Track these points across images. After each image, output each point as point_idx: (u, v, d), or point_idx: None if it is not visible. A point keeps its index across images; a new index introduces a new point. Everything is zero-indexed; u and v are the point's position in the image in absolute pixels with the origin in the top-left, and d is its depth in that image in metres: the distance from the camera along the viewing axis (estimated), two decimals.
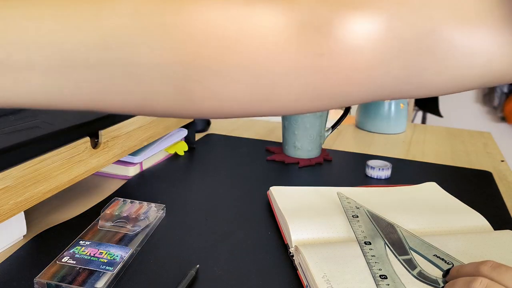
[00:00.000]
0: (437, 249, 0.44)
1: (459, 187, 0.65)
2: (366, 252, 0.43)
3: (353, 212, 0.50)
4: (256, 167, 0.71)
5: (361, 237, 0.45)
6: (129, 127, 0.59)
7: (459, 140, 0.91)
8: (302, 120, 0.72)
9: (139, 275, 0.42)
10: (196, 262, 0.45)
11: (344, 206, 0.51)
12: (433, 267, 0.41)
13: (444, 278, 0.39)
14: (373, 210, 0.51)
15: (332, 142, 0.86)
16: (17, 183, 0.43)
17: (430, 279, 0.40)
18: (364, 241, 0.44)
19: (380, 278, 0.39)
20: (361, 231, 0.46)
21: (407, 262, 0.42)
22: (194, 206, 0.57)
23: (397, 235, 0.46)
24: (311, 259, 0.42)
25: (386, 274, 0.40)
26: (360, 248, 0.44)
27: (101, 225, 0.49)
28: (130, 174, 0.65)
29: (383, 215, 0.51)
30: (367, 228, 0.47)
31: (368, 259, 0.42)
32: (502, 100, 2.58)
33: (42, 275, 0.40)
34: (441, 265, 0.41)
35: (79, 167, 0.51)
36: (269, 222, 0.53)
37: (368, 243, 0.44)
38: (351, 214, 0.49)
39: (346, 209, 0.51)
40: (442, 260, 0.42)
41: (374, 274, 0.40)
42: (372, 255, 0.42)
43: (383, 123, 0.92)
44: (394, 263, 0.41)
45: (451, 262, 0.42)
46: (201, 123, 0.87)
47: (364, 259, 0.42)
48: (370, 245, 0.44)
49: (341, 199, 0.53)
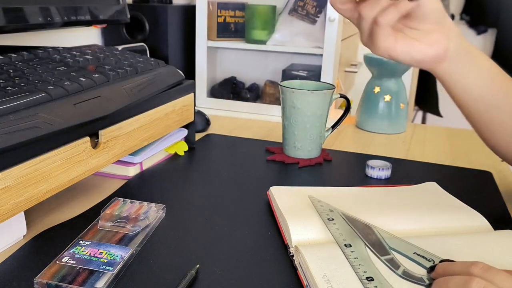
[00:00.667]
0: (416, 247, 0.44)
1: (459, 187, 0.65)
2: (348, 255, 0.42)
3: (327, 215, 0.49)
4: (256, 167, 0.71)
5: (340, 240, 0.44)
6: (129, 127, 0.59)
7: (459, 140, 0.91)
8: (302, 120, 0.72)
9: (139, 275, 0.42)
10: (196, 262, 0.45)
11: (317, 209, 0.50)
12: (416, 265, 0.41)
13: (429, 275, 0.39)
14: (347, 212, 0.50)
15: (332, 142, 0.86)
16: (17, 183, 0.43)
17: (415, 277, 0.39)
18: (344, 244, 0.44)
19: (367, 280, 0.39)
20: (340, 234, 0.46)
21: (390, 261, 0.41)
22: (194, 206, 0.57)
23: (375, 235, 0.46)
24: (311, 259, 0.42)
25: (372, 275, 0.39)
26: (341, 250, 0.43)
27: (101, 225, 0.49)
28: (130, 174, 0.65)
29: (383, 216, 0.51)
30: (344, 230, 0.46)
31: (352, 261, 0.41)
32: None
33: (42, 275, 0.40)
34: (422, 262, 0.41)
35: (79, 167, 0.51)
36: (269, 222, 0.53)
37: (348, 245, 0.43)
38: (326, 217, 0.49)
39: (320, 212, 0.50)
40: (423, 258, 0.42)
41: (360, 277, 0.39)
42: (355, 257, 0.42)
43: (383, 123, 0.92)
44: (377, 264, 0.41)
45: (431, 259, 0.42)
46: (201, 123, 0.87)
47: None
48: (351, 247, 0.43)
49: (313, 202, 0.52)
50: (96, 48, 0.71)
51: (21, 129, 0.42)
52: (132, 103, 0.58)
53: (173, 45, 1.02)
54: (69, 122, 0.48)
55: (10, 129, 0.41)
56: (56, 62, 0.60)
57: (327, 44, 0.93)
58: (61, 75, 0.54)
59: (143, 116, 0.62)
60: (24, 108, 0.44)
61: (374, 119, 0.92)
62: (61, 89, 0.49)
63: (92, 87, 0.54)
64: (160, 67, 0.69)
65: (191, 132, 0.77)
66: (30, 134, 0.43)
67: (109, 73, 0.58)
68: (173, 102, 0.69)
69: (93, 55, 0.65)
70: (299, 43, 0.98)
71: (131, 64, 0.64)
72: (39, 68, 0.55)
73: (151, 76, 0.64)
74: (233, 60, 1.12)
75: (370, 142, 0.87)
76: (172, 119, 0.69)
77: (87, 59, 0.62)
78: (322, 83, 0.78)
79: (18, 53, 0.59)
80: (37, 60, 0.59)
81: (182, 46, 1.06)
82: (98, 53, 0.67)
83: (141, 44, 0.95)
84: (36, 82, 0.50)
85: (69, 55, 0.63)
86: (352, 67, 1.35)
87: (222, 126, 0.93)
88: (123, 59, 0.66)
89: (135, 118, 0.60)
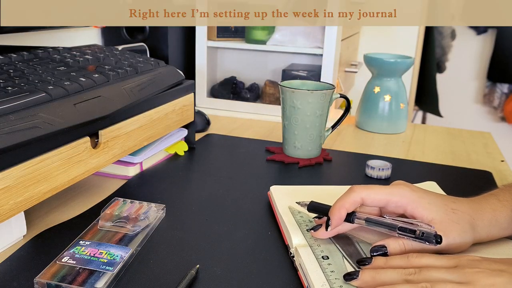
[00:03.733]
0: None
1: (459, 187, 0.65)
2: (324, 268, 0.41)
3: (306, 226, 0.48)
4: (256, 167, 0.71)
5: (318, 252, 0.44)
6: (129, 127, 0.59)
7: (459, 140, 0.91)
8: (302, 120, 0.72)
9: (139, 275, 0.42)
10: (196, 262, 0.45)
11: (297, 220, 0.50)
12: None
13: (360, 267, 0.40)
14: None
15: (332, 142, 0.86)
16: (17, 183, 0.43)
17: None
18: (321, 256, 0.43)
19: None
20: (317, 245, 0.45)
21: None
22: (194, 206, 0.57)
23: (354, 246, 0.45)
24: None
25: None
26: (318, 262, 0.42)
27: (101, 225, 0.49)
28: (130, 174, 0.65)
29: None
30: (322, 241, 0.46)
31: (328, 275, 0.40)
32: (502, 100, 2.58)
33: (42, 275, 0.40)
34: None
35: (79, 167, 0.51)
36: (269, 222, 0.53)
37: (325, 257, 0.43)
38: (305, 228, 0.48)
39: (299, 224, 0.49)
40: None
41: None
42: (331, 271, 0.41)
43: (383, 123, 0.92)
44: None
45: None
46: (201, 123, 0.87)
47: None
48: (328, 260, 0.42)
49: (293, 213, 0.51)
50: (96, 48, 0.71)
51: (21, 129, 0.42)
52: (132, 103, 0.58)
53: (173, 45, 1.01)
54: (69, 122, 0.48)
55: (10, 129, 0.41)
56: (56, 62, 0.60)
57: (327, 44, 0.93)
58: (61, 75, 0.54)
59: (143, 116, 0.62)
60: (24, 108, 0.44)
61: (374, 119, 0.92)
62: (61, 89, 0.49)
63: (92, 87, 0.54)
64: (160, 67, 0.69)
65: (191, 132, 0.77)
66: (30, 134, 0.43)
67: (109, 73, 0.58)
68: (173, 102, 0.69)
69: (93, 55, 0.65)
70: (299, 43, 0.98)
71: (131, 64, 0.64)
72: (39, 68, 0.55)
73: (151, 76, 0.64)
74: (233, 60, 1.12)
75: (370, 142, 0.87)
76: (172, 119, 0.69)
77: (87, 59, 0.62)
78: (322, 83, 0.78)
79: (18, 53, 0.59)
80: (37, 60, 0.59)
81: (182, 46, 1.06)
82: (98, 53, 0.67)
83: (141, 44, 0.95)
84: (36, 82, 0.50)
85: (69, 55, 0.63)
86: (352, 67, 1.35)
87: (222, 126, 0.93)
88: (123, 59, 0.66)
89: (135, 118, 0.60)
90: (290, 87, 0.72)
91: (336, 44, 0.94)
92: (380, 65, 0.90)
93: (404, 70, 0.91)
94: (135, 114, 0.60)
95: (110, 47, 0.74)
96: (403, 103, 0.92)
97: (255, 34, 1.01)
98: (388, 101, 0.91)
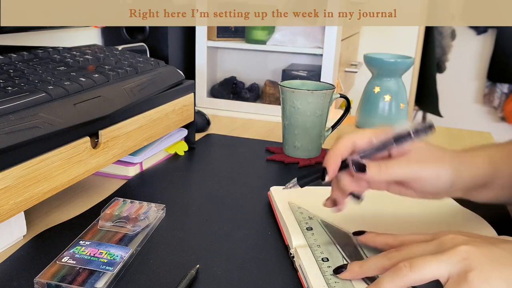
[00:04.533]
0: None
1: None
2: (324, 271, 0.41)
3: (306, 223, 0.48)
4: (256, 167, 0.71)
5: (318, 253, 0.43)
6: (129, 127, 0.59)
7: (459, 140, 0.91)
8: (302, 120, 0.72)
9: (139, 275, 0.42)
10: (196, 262, 0.45)
11: (296, 217, 0.49)
12: None
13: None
14: (327, 219, 0.49)
15: (332, 142, 0.86)
16: (17, 183, 0.43)
17: None
18: (321, 258, 0.42)
19: None
20: (317, 246, 0.44)
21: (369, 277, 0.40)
22: (194, 206, 0.57)
23: (353, 246, 0.45)
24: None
25: None
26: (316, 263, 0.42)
27: (101, 225, 0.49)
28: (130, 174, 0.65)
29: (383, 217, 0.51)
30: (322, 241, 0.45)
31: (328, 279, 0.40)
32: (502, 100, 2.58)
33: (42, 275, 0.40)
34: None
35: (79, 167, 0.51)
36: (269, 222, 0.53)
37: (325, 259, 0.42)
38: (304, 227, 0.48)
39: (299, 221, 0.48)
40: None
41: None
42: (331, 274, 0.40)
43: (383, 123, 0.92)
44: (354, 281, 0.39)
45: None
46: (201, 123, 0.87)
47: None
48: (328, 262, 0.42)
49: (293, 209, 0.51)
50: (96, 48, 0.71)
51: (21, 129, 0.42)
52: (132, 103, 0.58)
53: (173, 45, 1.01)
54: (69, 122, 0.48)
55: (10, 129, 0.41)
56: (56, 62, 0.60)
57: (327, 44, 0.93)
58: (61, 75, 0.54)
59: (143, 116, 0.62)
60: (24, 108, 0.44)
61: (374, 119, 0.92)
62: (61, 89, 0.49)
63: (92, 87, 0.54)
64: (160, 67, 0.69)
65: (191, 132, 0.77)
66: (30, 134, 0.43)
67: (109, 73, 0.58)
68: (173, 102, 0.69)
69: (93, 55, 0.65)
70: (299, 43, 0.98)
71: (131, 64, 0.64)
72: (39, 68, 0.55)
73: (151, 76, 0.64)
74: (233, 60, 1.12)
75: None
76: (172, 119, 0.69)
77: (87, 59, 0.62)
78: (322, 83, 0.78)
79: (18, 53, 0.59)
80: (37, 60, 0.59)
81: (182, 46, 1.06)
82: (98, 53, 0.67)
83: (141, 44, 0.95)
84: (36, 82, 0.50)
85: (69, 55, 0.63)
86: (352, 67, 1.35)
87: (222, 126, 0.93)
88: (123, 59, 0.66)
89: (135, 118, 0.60)
90: (290, 87, 0.72)
91: (336, 44, 0.94)
92: (380, 65, 0.90)
93: (404, 70, 0.91)
94: (135, 114, 0.60)
95: (110, 47, 0.74)
96: (403, 103, 0.92)
97: (255, 34, 1.01)
98: (388, 101, 0.91)
